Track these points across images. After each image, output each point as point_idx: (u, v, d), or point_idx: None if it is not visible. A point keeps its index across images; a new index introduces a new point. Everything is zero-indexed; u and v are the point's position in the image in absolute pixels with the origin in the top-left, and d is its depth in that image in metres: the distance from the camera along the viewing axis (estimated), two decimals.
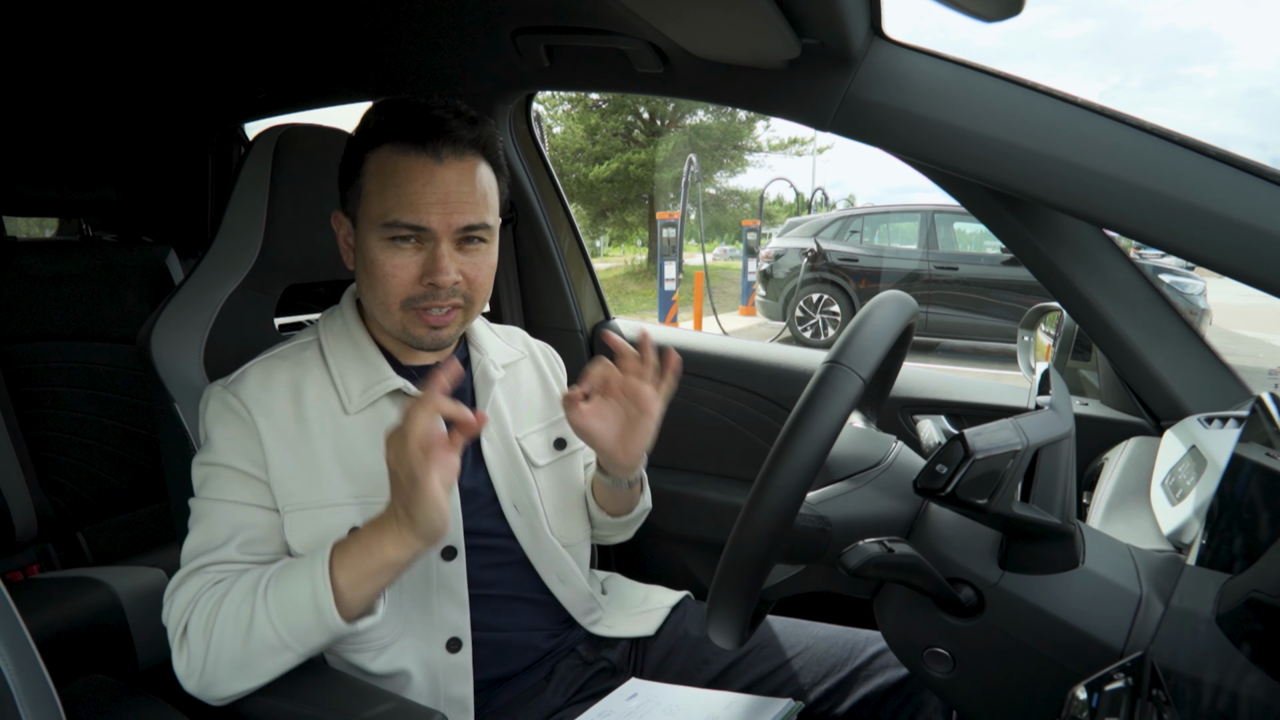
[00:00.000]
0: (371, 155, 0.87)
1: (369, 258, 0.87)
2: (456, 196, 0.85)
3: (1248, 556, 0.60)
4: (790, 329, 8.50)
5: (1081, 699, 0.51)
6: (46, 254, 1.68)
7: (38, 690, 0.52)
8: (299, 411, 0.89)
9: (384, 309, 0.89)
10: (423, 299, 0.87)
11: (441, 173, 0.84)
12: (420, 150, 0.84)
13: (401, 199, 0.84)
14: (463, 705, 0.90)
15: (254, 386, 0.88)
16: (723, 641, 0.63)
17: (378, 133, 0.86)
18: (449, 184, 0.85)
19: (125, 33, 1.50)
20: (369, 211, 0.86)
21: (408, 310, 0.87)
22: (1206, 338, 1.07)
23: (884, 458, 0.71)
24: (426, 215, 0.84)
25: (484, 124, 0.89)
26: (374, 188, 0.86)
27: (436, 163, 0.84)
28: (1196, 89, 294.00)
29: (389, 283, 0.86)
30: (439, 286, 0.85)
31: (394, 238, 0.85)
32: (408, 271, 0.86)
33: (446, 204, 0.84)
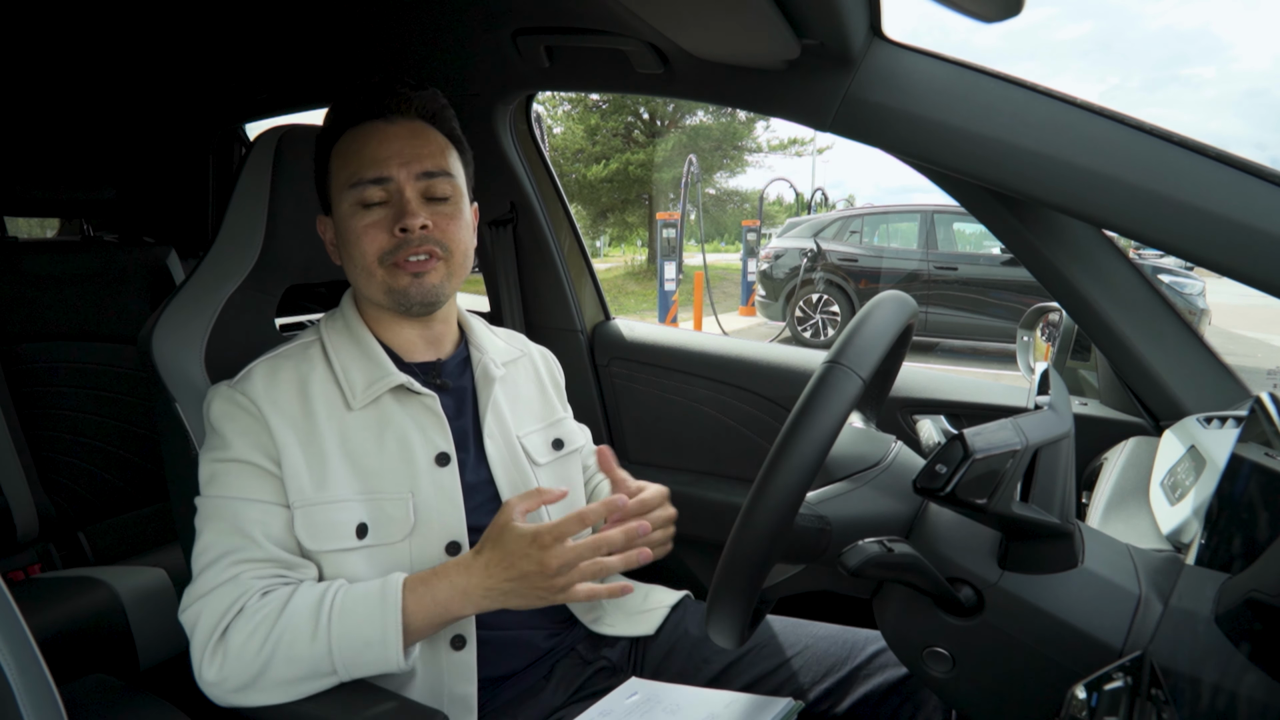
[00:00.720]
0: (335, 145, 0.92)
1: (344, 231, 0.91)
2: (412, 148, 0.89)
3: (1247, 556, 0.60)
4: (790, 329, 8.50)
5: (1081, 698, 0.51)
6: (48, 254, 1.69)
7: (39, 690, 0.52)
8: (306, 407, 0.89)
9: (366, 273, 0.90)
10: (397, 249, 0.88)
11: (393, 130, 0.90)
12: (372, 118, 0.90)
13: (361, 160, 0.89)
14: (466, 704, 0.90)
15: (260, 385, 0.89)
16: (723, 641, 0.63)
17: (336, 123, 0.92)
18: (402, 138, 0.89)
19: (126, 33, 1.50)
20: (337, 186, 0.91)
21: (386, 265, 0.89)
22: (1205, 338, 1.07)
23: (884, 458, 0.71)
24: (385, 165, 0.88)
25: (428, 92, 0.93)
26: (338, 165, 0.91)
27: (387, 123, 0.90)
28: (1196, 89, 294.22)
29: (362, 242, 0.89)
30: (409, 231, 0.87)
31: (362, 202, 0.88)
32: (380, 227, 0.89)
33: (403, 155, 0.89)
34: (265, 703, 0.80)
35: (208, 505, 0.86)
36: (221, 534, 0.84)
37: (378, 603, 0.80)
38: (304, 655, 0.78)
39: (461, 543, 0.92)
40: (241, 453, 0.86)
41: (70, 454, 1.62)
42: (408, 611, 0.80)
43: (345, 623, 0.79)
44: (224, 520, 0.84)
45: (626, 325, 1.64)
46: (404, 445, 0.91)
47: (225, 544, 0.83)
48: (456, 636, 0.90)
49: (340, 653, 0.78)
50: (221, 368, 0.99)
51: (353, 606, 0.80)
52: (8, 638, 0.51)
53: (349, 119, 0.91)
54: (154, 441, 1.14)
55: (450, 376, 1.00)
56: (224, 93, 1.84)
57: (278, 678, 0.78)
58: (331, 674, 0.79)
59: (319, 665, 0.78)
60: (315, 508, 0.86)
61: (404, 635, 0.79)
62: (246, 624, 0.79)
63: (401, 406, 0.93)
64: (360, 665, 0.80)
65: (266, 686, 0.79)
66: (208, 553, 0.83)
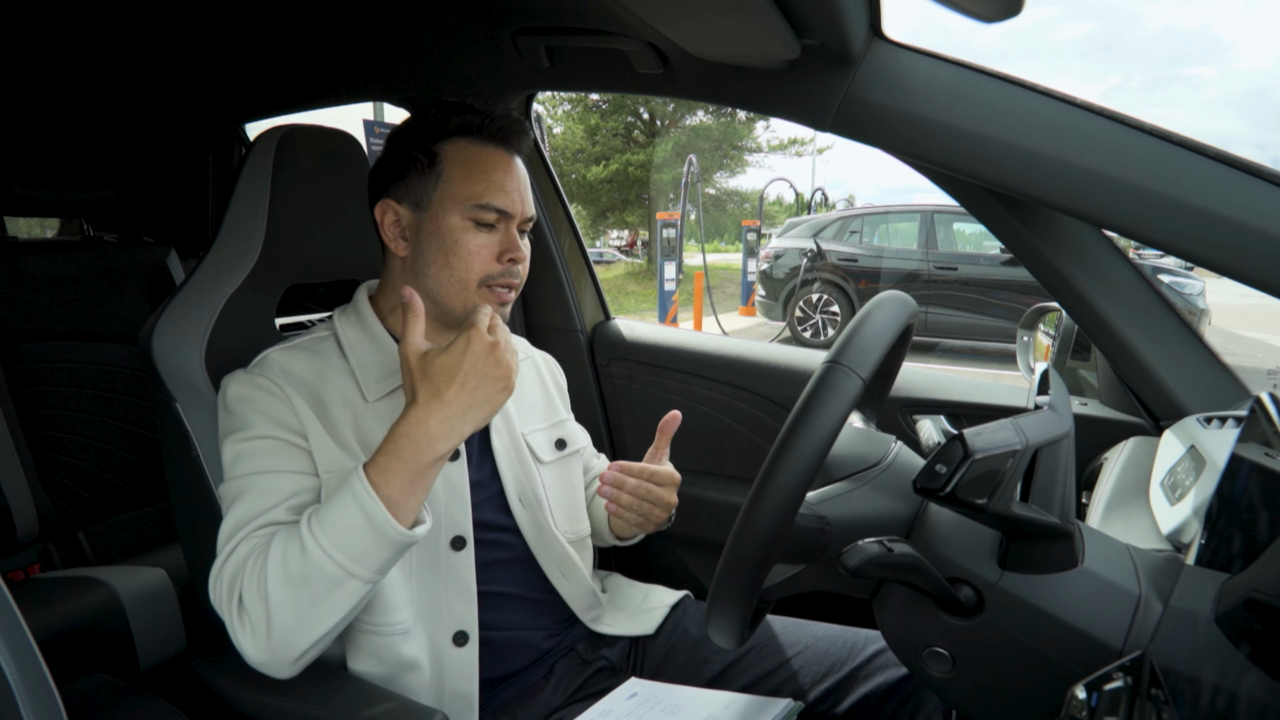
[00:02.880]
0: (447, 145, 0.92)
1: (451, 238, 0.91)
2: (524, 189, 0.95)
3: (1246, 556, 0.60)
4: (790, 329, 8.49)
5: (1080, 698, 0.51)
6: (48, 254, 1.68)
7: (39, 690, 0.52)
8: (321, 394, 0.90)
9: (461, 286, 0.92)
10: (500, 276, 0.92)
11: (515, 166, 0.95)
12: (500, 144, 0.94)
13: (490, 184, 0.91)
14: (468, 701, 0.90)
15: (277, 368, 0.90)
16: (723, 641, 0.63)
17: (451, 127, 0.93)
18: (520, 177, 0.95)
19: (126, 33, 1.50)
20: (452, 194, 0.91)
21: (482, 288, 0.93)
22: (1205, 338, 1.07)
23: (883, 458, 0.71)
24: (510, 201, 0.92)
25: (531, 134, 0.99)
26: (459, 174, 0.91)
27: (511, 156, 0.95)
28: (1197, 89, 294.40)
29: (472, 260, 0.91)
30: (517, 262, 0.93)
31: (479, 221, 0.91)
32: (489, 250, 0.92)
33: (521, 195, 0.94)
34: (305, 644, 0.77)
35: (230, 489, 0.84)
36: (246, 508, 0.82)
37: (346, 491, 0.77)
38: (304, 571, 0.75)
39: (466, 537, 0.92)
40: (266, 430, 0.86)
41: (70, 454, 1.62)
42: (377, 483, 0.77)
43: (324, 519, 0.77)
44: (250, 493, 0.83)
45: (626, 325, 1.64)
46: None
47: (245, 517, 0.82)
48: (459, 633, 0.91)
49: (335, 547, 0.75)
50: (222, 368, 0.99)
51: (327, 507, 0.78)
52: (8, 638, 0.51)
53: (467, 129, 0.92)
54: (154, 441, 1.14)
55: None
56: (224, 93, 1.84)
57: (296, 606, 0.75)
58: (346, 575, 0.76)
59: (325, 570, 0.75)
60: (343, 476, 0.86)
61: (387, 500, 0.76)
62: (251, 575, 0.77)
63: None
64: (362, 551, 0.76)
65: (292, 622, 0.76)
66: (228, 531, 0.82)
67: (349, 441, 0.89)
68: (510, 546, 0.98)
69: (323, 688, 0.83)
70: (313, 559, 0.75)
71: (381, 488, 0.76)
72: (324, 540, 0.75)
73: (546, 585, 1.01)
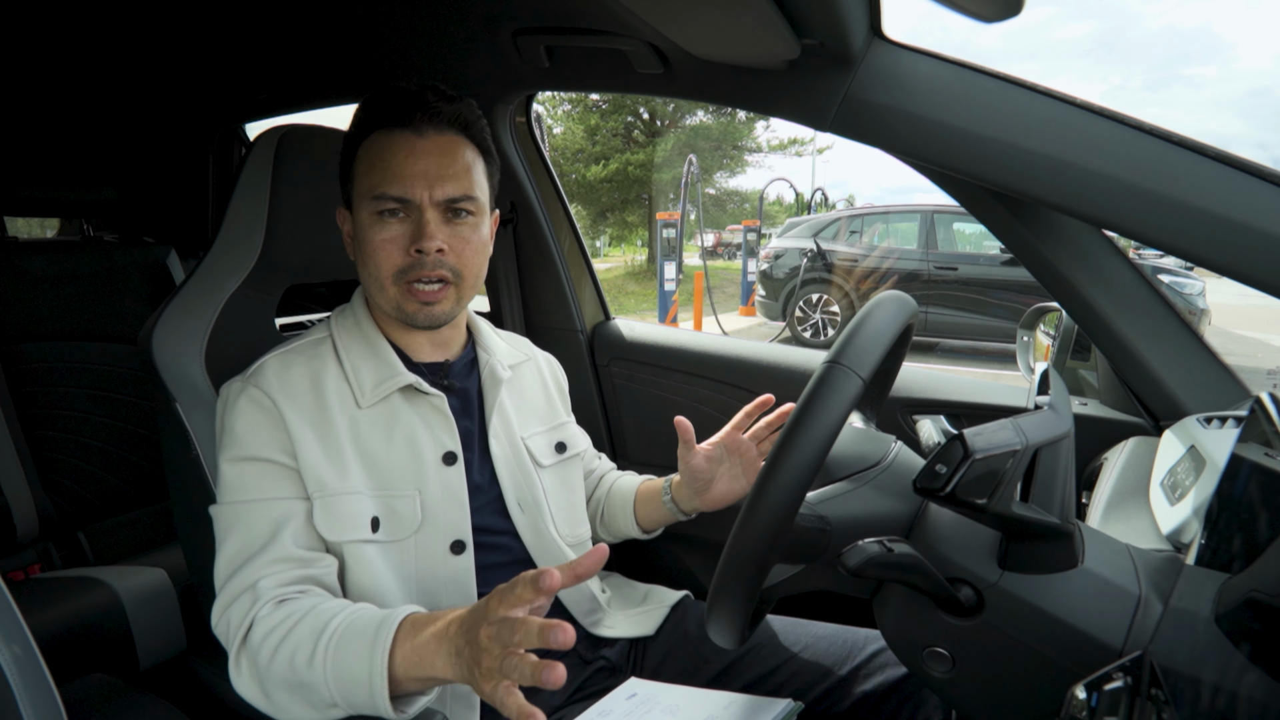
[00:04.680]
0: (364, 143, 0.91)
1: (361, 237, 0.90)
2: (438, 168, 0.88)
3: (1246, 556, 0.60)
4: (790, 329, 8.49)
5: (1080, 698, 0.51)
6: (48, 254, 1.68)
7: (39, 689, 0.52)
8: (319, 401, 0.90)
9: (379, 285, 0.91)
10: (411, 269, 0.89)
11: (423, 145, 0.88)
12: (403, 127, 0.89)
13: (387, 172, 0.87)
14: (468, 702, 0.90)
15: (273, 377, 0.89)
16: (723, 641, 0.63)
17: (366, 122, 0.91)
18: (430, 155, 0.88)
19: (126, 33, 1.50)
20: (360, 191, 0.90)
21: (399, 284, 0.90)
22: (1205, 338, 1.07)
23: (883, 458, 0.71)
24: (410, 186, 0.87)
25: (463, 103, 0.92)
26: (363, 169, 0.90)
27: (418, 137, 0.89)
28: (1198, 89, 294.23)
29: (378, 255, 0.89)
30: (424, 253, 0.88)
31: (381, 211, 0.88)
32: (396, 243, 0.88)
33: (428, 175, 0.88)
34: (290, 716, 0.79)
35: (226, 514, 0.85)
36: (241, 541, 0.83)
37: (370, 638, 0.74)
38: (307, 680, 0.76)
39: (465, 541, 0.92)
40: (256, 450, 0.86)
41: (70, 454, 1.62)
42: (395, 655, 0.73)
43: (339, 657, 0.75)
44: (243, 525, 0.84)
45: (626, 325, 1.64)
46: (412, 444, 0.92)
47: (245, 550, 0.83)
48: None
49: (336, 687, 0.75)
50: (221, 368, 0.99)
51: (347, 640, 0.75)
52: (8, 638, 0.51)
53: (378, 120, 0.90)
54: (154, 441, 1.14)
55: (457, 377, 1.00)
56: (224, 93, 1.84)
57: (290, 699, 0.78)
58: (330, 705, 0.76)
59: (322, 695, 0.76)
60: (334, 498, 0.86)
61: (393, 676, 0.73)
62: (258, 636, 0.78)
63: (410, 405, 0.94)
64: (356, 702, 0.75)
65: (284, 701, 0.78)
66: (231, 562, 0.83)
67: (344, 449, 0.88)
68: (509, 550, 0.98)
69: None
70: (315, 681, 0.76)
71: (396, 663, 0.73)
72: (330, 676, 0.75)
73: None
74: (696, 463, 1.04)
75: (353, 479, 0.88)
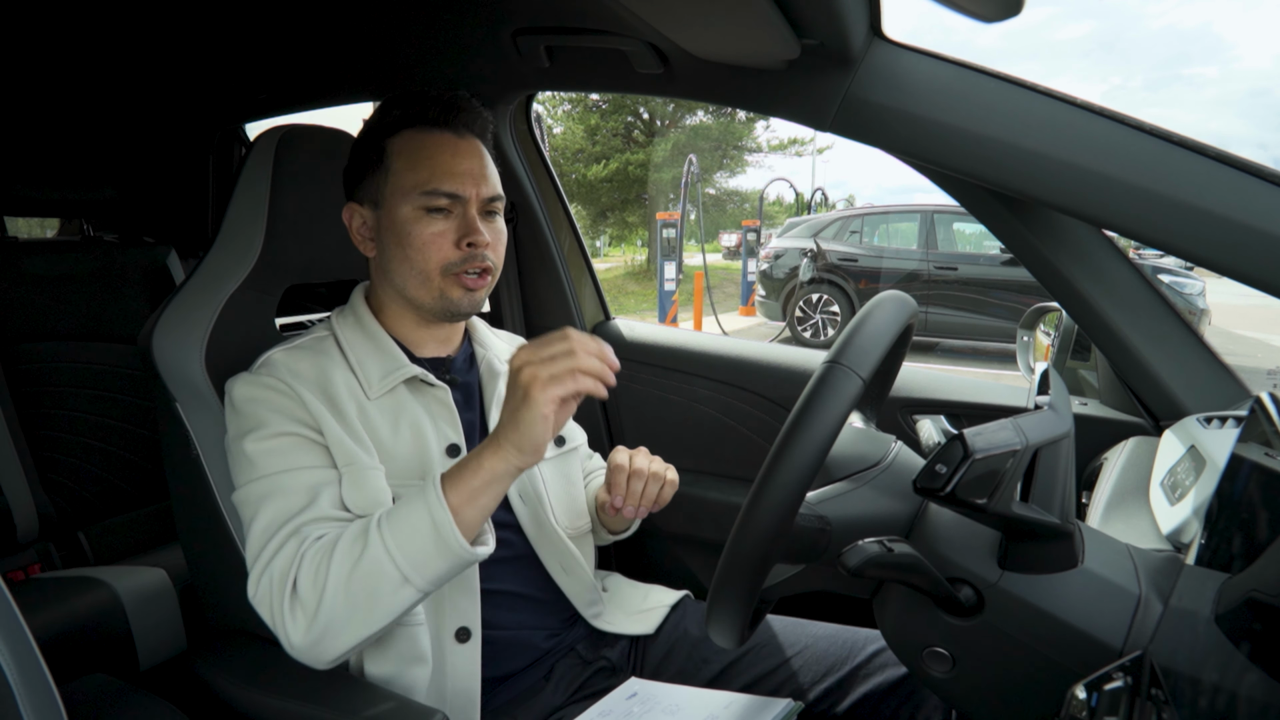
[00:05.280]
0: (394, 140, 0.92)
1: (404, 230, 0.91)
2: (479, 169, 0.93)
3: (1246, 556, 0.60)
4: (790, 329, 8.49)
5: (1080, 698, 0.51)
6: (48, 254, 1.68)
7: (39, 690, 0.52)
8: (329, 390, 0.90)
9: (423, 277, 0.92)
10: (462, 263, 0.92)
11: (465, 147, 0.93)
12: (444, 128, 0.93)
13: (436, 169, 0.90)
14: (469, 698, 0.90)
15: (283, 367, 0.90)
16: (723, 641, 0.63)
17: (399, 120, 0.93)
18: (471, 156, 0.93)
19: (126, 33, 1.50)
20: (400, 187, 0.91)
21: (446, 276, 0.92)
22: (1205, 338, 1.07)
23: (883, 458, 0.71)
24: (461, 183, 0.91)
25: (487, 112, 0.97)
26: (404, 165, 0.91)
27: (459, 138, 0.93)
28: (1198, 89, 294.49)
29: (428, 250, 0.91)
30: (477, 246, 0.91)
31: (429, 208, 0.90)
32: (445, 238, 0.91)
33: (474, 174, 0.92)
34: (350, 640, 0.77)
35: (257, 489, 0.84)
36: (278, 508, 0.82)
37: (417, 491, 0.78)
38: (366, 566, 0.75)
39: None
40: (282, 426, 0.86)
41: (70, 454, 1.62)
42: (446, 487, 0.77)
43: (394, 520, 0.77)
44: (279, 494, 0.83)
45: (626, 325, 1.64)
46: (418, 434, 0.92)
47: (283, 514, 0.82)
48: (461, 629, 0.91)
49: (398, 550, 0.75)
50: (221, 368, 0.99)
51: (398, 505, 0.79)
52: (8, 638, 0.51)
53: (412, 119, 0.92)
54: (154, 441, 1.14)
55: (458, 372, 1.02)
56: (224, 93, 1.84)
57: (350, 600, 0.76)
58: (403, 581, 0.76)
59: (385, 571, 0.75)
60: (365, 471, 0.86)
61: (452, 508, 0.76)
62: (310, 565, 0.78)
63: (415, 398, 0.95)
64: (423, 559, 0.76)
65: (343, 615, 0.76)
66: (267, 530, 0.81)
67: (361, 435, 0.89)
68: (511, 544, 0.98)
69: (323, 688, 0.83)
70: (376, 558, 0.76)
71: (449, 494, 0.77)
72: (390, 541, 0.76)
73: (548, 582, 1.01)
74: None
75: (374, 457, 0.89)
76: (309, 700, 0.81)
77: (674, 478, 0.99)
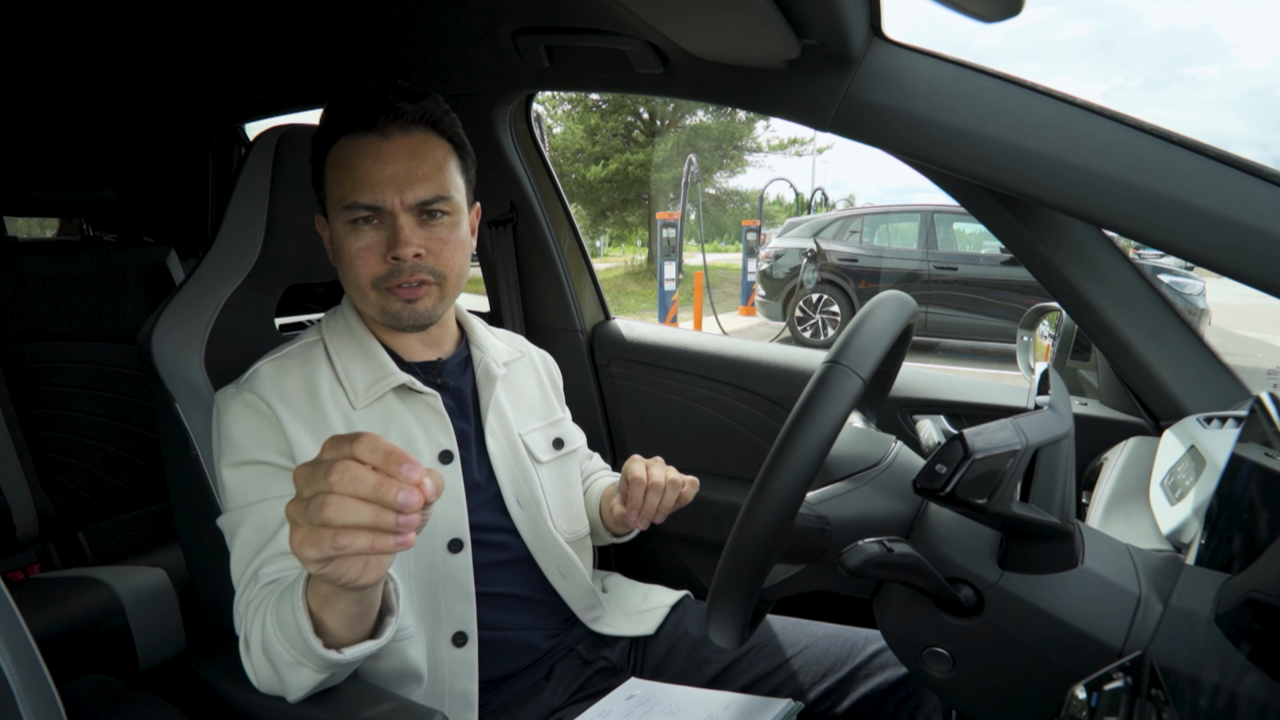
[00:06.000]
0: (331, 150, 0.89)
1: (338, 245, 0.90)
2: (407, 171, 0.86)
3: (1247, 556, 0.60)
4: (790, 329, 8.49)
5: (1081, 698, 0.51)
6: (47, 254, 1.68)
7: (38, 690, 0.52)
8: (315, 404, 0.90)
9: (359, 293, 0.91)
10: (390, 276, 0.88)
11: (390, 149, 0.86)
12: (369, 131, 0.86)
13: (356, 181, 0.86)
14: (467, 701, 0.90)
15: (268, 382, 0.89)
16: (722, 641, 0.63)
17: (330, 127, 0.89)
18: (398, 159, 0.86)
19: (126, 33, 1.50)
20: (331, 201, 0.89)
21: (379, 290, 0.89)
22: (1205, 338, 1.07)
23: (883, 458, 0.71)
24: (380, 193, 0.85)
25: (429, 99, 0.90)
26: (333, 177, 0.88)
27: (384, 140, 0.86)
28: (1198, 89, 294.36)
29: (356, 264, 0.88)
30: (401, 260, 0.87)
31: (354, 220, 0.87)
32: (373, 251, 0.88)
33: (398, 180, 0.86)
34: (304, 691, 0.76)
35: (231, 520, 0.85)
36: (246, 540, 0.83)
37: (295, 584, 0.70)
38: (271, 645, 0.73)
39: (463, 540, 0.92)
40: (255, 454, 0.86)
41: (70, 454, 1.62)
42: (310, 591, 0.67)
43: (279, 610, 0.72)
44: (248, 525, 0.84)
45: (626, 325, 1.64)
46: (408, 443, 0.92)
47: (251, 552, 0.82)
48: (458, 634, 0.91)
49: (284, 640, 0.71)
50: (221, 368, 0.99)
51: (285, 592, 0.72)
52: (7, 638, 0.51)
53: (343, 125, 0.88)
54: (154, 441, 1.14)
55: (451, 376, 1.00)
56: (224, 93, 1.84)
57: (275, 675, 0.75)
58: (297, 664, 0.71)
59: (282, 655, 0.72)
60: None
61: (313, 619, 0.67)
62: (252, 623, 0.77)
63: (405, 405, 0.94)
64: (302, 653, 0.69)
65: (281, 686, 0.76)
66: (239, 564, 0.83)
67: None
68: (509, 548, 0.98)
69: (322, 688, 0.83)
70: (271, 641, 0.73)
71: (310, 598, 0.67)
72: (276, 629, 0.72)
73: (546, 586, 1.01)
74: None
75: None
76: (308, 700, 0.81)
77: (693, 479, 0.98)
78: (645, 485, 0.94)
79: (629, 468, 0.96)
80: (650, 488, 0.94)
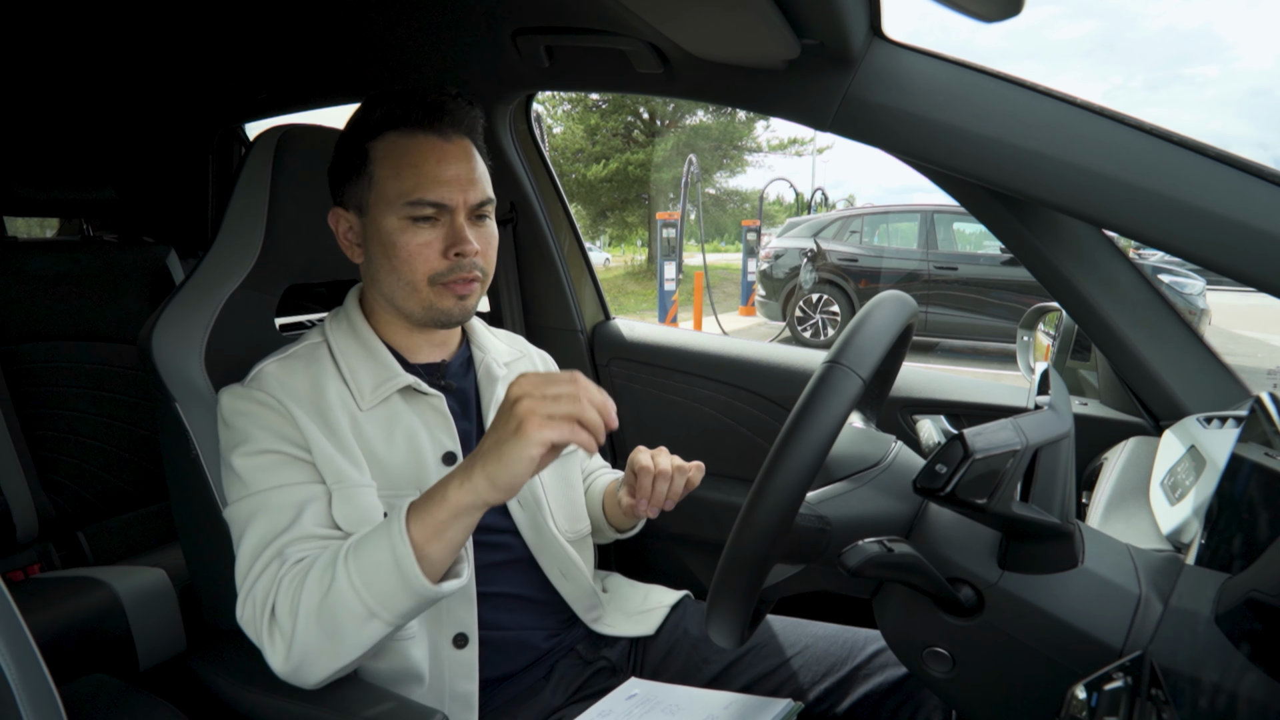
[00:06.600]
0: (376, 144, 0.89)
1: (390, 241, 0.89)
2: (467, 173, 0.90)
3: (1246, 556, 0.60)
4: (790, 329, 8.49)
5: (1081, 698, 0.51)
6: (47, 254, 1.68)
7: (39, 690, 0.52)
8: (321, 403, 0.89)
9: (410, 288, 0.90)
10: (449, 272, 0.90)
11: (451, 151, 0.89)
12: (428, 131, 0.89)
13: (421, 178, 0.87)
14: (467, 702, 0.90)
15: (275, 382, 0.89)
16: (722, 641, 0.63)
17: (381, 122, 0.90)
18: (460, 161, 0.89)
19: (126, 33, 1.50)
20: (384, 195, 0.89)
21: (435, 285, 0.90)
22: (1205, 338, 1.07)
23: (883, 458, 0.71)
24: (447, 192, 0.88)
25: (475, 108, 0.93)
26: (387, 172, 0.88)
27: (445, 141, 0.89)
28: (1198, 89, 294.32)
29: (415, 261, 0.89)
30: (465, 256, 0.89)
31: (415, 217, 0.88)
32: (432, 248, 0.89)
33: (460, 181, 0.89)
34: (328, 669, 0.77)
35: (244, 507, 0.84)
36: (264, 527, 0.82)
37: (384, 523, 0.76)
38: (333, 599, 0.74)
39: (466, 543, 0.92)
40: (268, 444, 0.85)
41: (70, 454, 1.62)
42: (411, 520, 0.74)
43: (359, 552, 0.75)
44: (264, 512, 0.83)
45: (626, 325, 1.64)
46: (413, 444, 0.92)
47: (269, 534, 0.81)
48: (459, 635, 0.91)
49: (363, 585, 0.74)
50: (221, 368, 0.99)
51: (365, 536, 0.77)
52: (7, 638, 0.51)
53: (394, 121, 0.89)
54: (154, 441, 1.14)
55: (454, 377, 1.00)
56: (223, 93, 1.84)
57: (320, 631, 0.75)
58: (369, 615, 0.74)
59: (350, 605, 0.74)
60: (354, 489, 0.85)
61: (415, 545, 0.73)
62: (286, 591, 0.77)
63: (409, 406, 0.94)
64: (387, 594, 0.74)
65: (316, 645, 0.76)
66: (254, 551, 0.81)
67: (353, 450, 0.88)
68: (510, 548, 0.98)
69: (323, 688, 0.83)
70: (341, 591, 0.74)
71: (413, 529, 0.74)
72: (354, 574, 0.74)
73: (547, 586, 1.01)
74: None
75: (365, 474, 0.88)
76: (308, 700, 0.81)
77: (699, 463, 0.98)
78: (653, 473, 0.95)
79: (635, 458, 0.97)
80: (659, 475, 0.95)
